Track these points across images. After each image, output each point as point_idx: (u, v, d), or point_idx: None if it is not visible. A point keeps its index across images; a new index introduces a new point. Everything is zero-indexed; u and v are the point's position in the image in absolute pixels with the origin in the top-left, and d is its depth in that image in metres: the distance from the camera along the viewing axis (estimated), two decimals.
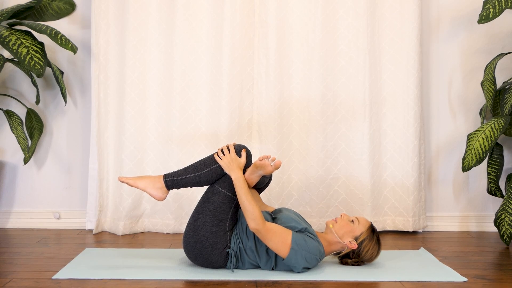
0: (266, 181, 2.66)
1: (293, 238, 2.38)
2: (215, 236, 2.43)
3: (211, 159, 2.53)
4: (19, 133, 3.27)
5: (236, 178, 2.43)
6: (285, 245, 2.38)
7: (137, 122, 3.33)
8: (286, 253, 2.38)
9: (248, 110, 3.37)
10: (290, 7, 3.33)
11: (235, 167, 2.45)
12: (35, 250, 2.88)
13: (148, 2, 3.31)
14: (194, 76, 3.32)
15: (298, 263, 2.40)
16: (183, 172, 2.53)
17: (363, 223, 2.54)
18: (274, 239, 2.37)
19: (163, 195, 2.54)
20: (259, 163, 2.46)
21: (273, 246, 2.39)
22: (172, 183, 2.52)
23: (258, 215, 2.38)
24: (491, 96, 3.14)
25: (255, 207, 2.38)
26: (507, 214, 2.99)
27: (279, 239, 2.38)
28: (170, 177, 2.53)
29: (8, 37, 2.99)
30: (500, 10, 2.97)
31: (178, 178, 2.52)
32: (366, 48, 3.32)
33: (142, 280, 2.36)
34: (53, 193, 3.50)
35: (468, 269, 2.57)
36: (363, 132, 3.34)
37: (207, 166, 2.52)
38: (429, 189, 3.52)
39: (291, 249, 2.37)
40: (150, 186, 2.52)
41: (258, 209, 2.39)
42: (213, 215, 2.44)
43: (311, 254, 2.40)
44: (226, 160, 2.47)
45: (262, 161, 2.45)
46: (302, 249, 2.38)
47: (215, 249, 2.44)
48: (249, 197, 2.40)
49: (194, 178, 2.51)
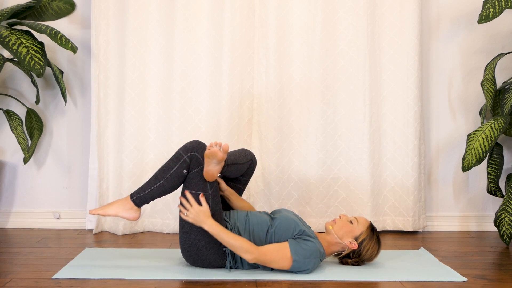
0: (242, 169, 2.61)
1: (291, 250, 2.39)
2: (206, 236, 2.43)
3: (168, 165, 2.47)
4: (19, 133, 3.27)
5: (209, 227, 2.38)
6: (286, 259, 2.39)
7: (137, 122, 3.33)
8: (290, 266, 2.40)
9: (248, 110, 3.37)
10: (290, 7, 3.33)
11: (203, 218, 2.38)
12: (35, 250, 2.88)
13: (148, 2, 3.31)
14: (194, 76, 3.32)
15: (302, 270, 2.42)
16: (146, 186, 2.48)
17: (362, 223, 2.54)
18: (274, 259, 2.39)
19: (136, 214, 2.50)
20: (208, 152, 2.37)
21: (276, 265, 2.41)
22: (140, 200, 2.48)
23: (248, 246, 2.38)
24: (491, 96, 3.14)
25: (241, 241, 2.38)
26: (507, 214, 2.99)
27: (279, 256, 2.39)
28: (136, 195, 2.48)
29: (8, 37, 2.99)
30: (500, 10, 2.98)
31: (144, 193, 2.47)
32: (366, 48, 3.32)
33: (142, 280, 2.36)
34: (53, 193, 3.50)
35: (468, 269, 2.57)
36: (363, 132, 3.34)
37: (166, 173, 2.46)
38: (429, 189, 3.52)
39: (293, 261, 2.39)
40: (120, 209, 2.48)
41: (245, 241, 2.39)
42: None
43: (312, 258, 2.41)
44: (192, 215, 2.39)
45: (211, 149, 2.37)
46: (303, 257, 2.39)
47: (210, 248, 2.44)
48: (230, 235, 2.38)
49: (158, 188, 2.47)
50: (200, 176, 2.44)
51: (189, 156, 2.44)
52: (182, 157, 2.45)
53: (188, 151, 2.45)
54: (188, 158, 2.44)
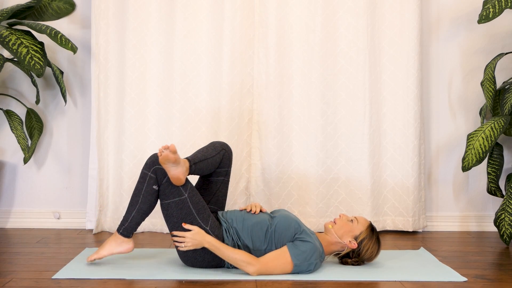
0: (214, 162, 2.57)
1: (291, 255, 2.39)
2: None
3: (138, 187, 2.49)
4: (19, 133, 3.27)
5: (209, 244, 2.40)
6: (287, 264, 2.40)
7: (137, 122, 3.33)
8: (291, 270, 2.42)
9: (248, 110, 3.37)
10: (290, 7, 3.33)
11: (201, 239, 2.40)
12: (35, 250, 2.88)
13: (148, 2, 3.31)
14: (194, 76, 3.32)
15: (303, 271, 2.43)
16: (127, 215, 2.51)
17: (362, 222, 2.54)
18: (275, 267, 2.40)
19: (129, 246, 2.55)
20: (161, 159, 2.37)
21: (278, 272, 2.41)
22: (127, 230, 2.52)
23: (249, 258, 2.39)
24: (491, 96, 3.14)
25: (241, 254, 2.40)
26: (507, 214, 2.99)
27: (280, 262, 2.40)
28: (122, 227, 2.52)
29: (8, 36, 2.99)
30: (500, 10, 2.97)
31: (127, 223, 2.51)
32: (366, 48, 3.32)
33: (142, 280, 2.36)
34: (53, 193, 3.50)
35: (468, 269, 2.57)
36: (363, 132, 3.34)
37: (138, 195, 2.49)
38: (429, 189, 3.52)
39: (294, 265, 2.40)
40: (113, 246, 2.54)
41: (244, 253, 2.41)
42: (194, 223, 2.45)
43: (313, 260, 2.41)
44: (190, 243, 2.40)
45: (162, 155, 2.37)
46: (304, 260, 2.40)
47: (207, 251, 2.45)
48: (230, 249, 2.41)
49: (137, 213, 2.50)
50: (171, 184, 2.45)
51: (153, 171, 2.46)
52: (147, 175, 2.47)
53: (150, 167, 2.47)
54: (152, 173, 2.46)
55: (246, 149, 3.37)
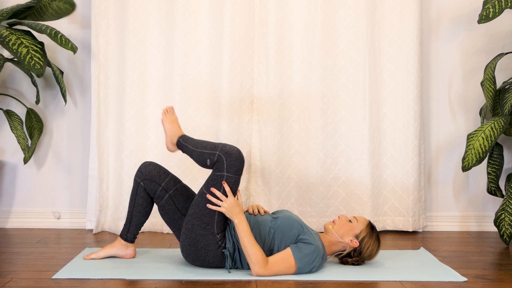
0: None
1: (295, 258, 2.39)
2: (205, 239, 2.43)
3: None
4: (19, 133, 3.27)
5: (239, 222, 2.40)
6: (291, 267, 2.40)
7: (137, 122, 3.33)
8: (294, 272, 2.42)
9: (248, 110, 3.37)
10: (290, 7, 3.33)
11: (237, 212, 2.41)
12: (35, 250, 2.88)
13: (148, 2, 3.31)
14: (194, 76, 3.32)
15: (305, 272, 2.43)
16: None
17: (361, 221, 2.55)
18: (280, 270, 2.40)
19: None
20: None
21: (282, 274, 2.41)
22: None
23: (261, 258, 2.37)
24: (491, 96, 3.14)
25: (258, 250, 2.38)
26: (507, 214, 2.99)
27: (284, 266, 2.40)
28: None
29: (8, 36, 2.99)
30: (500, 10, 2.98)
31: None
32: (366, 48, 3.32)
33: (142, 280, 2.36)
34: (53, 193, 3.50)
35: (468, 269, 2.57)
36: (363, 132, 3.34)
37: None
38: (429, 189, 3.52)
39: (297, 268, 2.40)
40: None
41: (261, 252, 2.38)
42: (199, 218, 2.44)
43: (316, 263, 2.42)
44: (226, 206, 2.41)
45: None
46: (307, 262, 2.40)
47: (208, 251, 2.44)
48: (252, 241, 2.38)
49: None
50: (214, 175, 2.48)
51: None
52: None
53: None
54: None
55: (246, 149, 3.37)
